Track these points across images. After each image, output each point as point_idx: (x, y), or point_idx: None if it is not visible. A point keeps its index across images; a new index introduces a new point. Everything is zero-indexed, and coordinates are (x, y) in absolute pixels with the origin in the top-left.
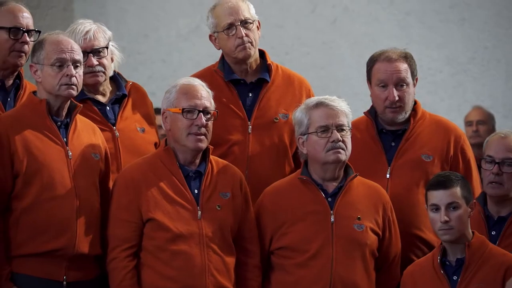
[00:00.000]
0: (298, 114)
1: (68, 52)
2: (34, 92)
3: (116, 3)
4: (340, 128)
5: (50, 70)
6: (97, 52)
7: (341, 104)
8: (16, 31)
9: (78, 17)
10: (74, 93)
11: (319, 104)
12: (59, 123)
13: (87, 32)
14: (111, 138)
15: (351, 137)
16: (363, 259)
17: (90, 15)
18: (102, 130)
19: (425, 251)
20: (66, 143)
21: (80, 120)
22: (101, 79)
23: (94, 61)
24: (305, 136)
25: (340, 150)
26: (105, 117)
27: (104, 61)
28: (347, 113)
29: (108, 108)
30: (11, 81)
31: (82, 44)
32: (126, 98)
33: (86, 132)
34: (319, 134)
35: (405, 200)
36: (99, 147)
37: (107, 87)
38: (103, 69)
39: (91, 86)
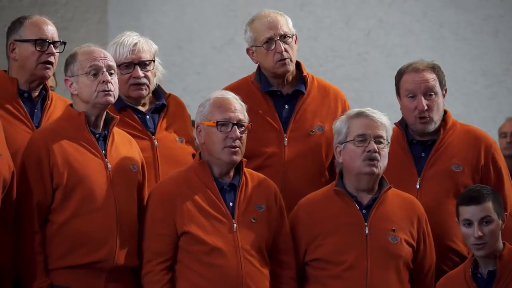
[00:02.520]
0: (338, 123)
1: (101, 59)
2: (71, 105)
3: (150, 15)
4: (378, 140)
5: (86, 79)
6: (143, 64)
7: (382, 117)
8: (42, 43)
9: (112, 30)
10: (112, 99)
11: (360, 114)
12: (97, 135)
13: (135, 44)
14: (150, 147)
15: None
16: (397, 271)
17: (124, 27)
18: (141, 138)
19: (456, 261)
20: (105, 155)
21: (117, 133)
22: (144, 92)
23: (141, 73)
24: (343, 145)
25: (375, 163)
26: (144, 126)
27: (149, 74)
28: (387, 126)
29: (148, 117)
30: (37, 92)
31: (130, 55)
32: (166, 108)
33: (123, 144)
34: (356, 143)
35: (435, 211)
36: (136, 159)
37: (147, 97)
38: (147, 82)
39: (133, 99)
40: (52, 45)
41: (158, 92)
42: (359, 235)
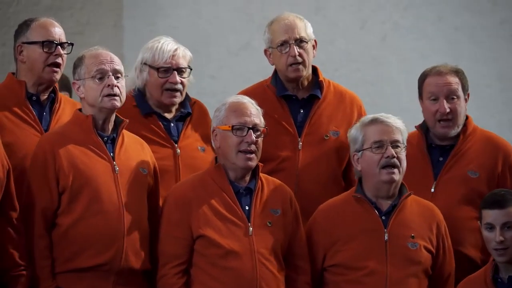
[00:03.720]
0: (353, 131)
1: (108, 63)
2: (80, 109)
3: (166, 19)
4: (395, 145)
5: (92, 83)
6: (181, 71)
7: (396, 121)
8: (49, 45)
9: (127, 34)
10: (118, 104)
11: (374, 121)
12: (105, 138)
13: (176, 49)
14: (172, 155)
15: None
16: (417, 277)
17: (140, 31)
18: (164, 146)
19: (468, 268)
20: (113, 157)
21: (128, 136)
22: (177, 100)
23: (178, 79)
24: (360, 153)
25: (394, 170)
26: (168, 134)
27: (185, 81)
28: (402, 130)
29: (172, 124)
30: (46, 95)
31: (169, 60)
32: (190, 116)
33: (134, 147)
34: (373, 150)
35: (447, 215)
36: (147, 162)
37: None
38: (181, 89)
39: (164, 105)
40: (59, 47)
41: (184, 99)
42: (378, 241)
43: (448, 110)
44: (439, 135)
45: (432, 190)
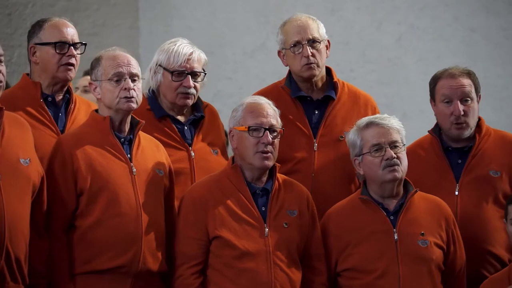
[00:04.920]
0: (351, 136)
1: (125, 66)
2: (96, 110)
3: (181, 21)
4: (393, 145)
5: (108, 85)
6: (195, 75)
7: (392, 122)
8: (62, 45)
9: (143, 35)
10: (134, 106)
11: (370, 124)
12: (122, 139)
13: (191, 53)
14: (186, 158)
15: (416, 156)
16: (429, 274)
17: (155, 33)
18: (178, 149)
19: (497, 267)
20: (130, 159)
21: (144, 137)
22: (190, 102)
23: (192, 83)
24: (360, 157)
25: (396, 168)
26: (182, 137)
27: (198, 85)
28: (399, 129)
29: (186, 127)
30: (61, 96)
31: (184, 64)
32: (203, 120)
33: (150, 148)
34: (372, 154)
35: (475, 216)
36: (163, 164)
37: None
38: (195, 93)
39: (177, 107)
40: (72, 47)
41: (197, 103)
42: (388, 241)
43: (462, 112)
44: (454, 137)
45: (456, 193)
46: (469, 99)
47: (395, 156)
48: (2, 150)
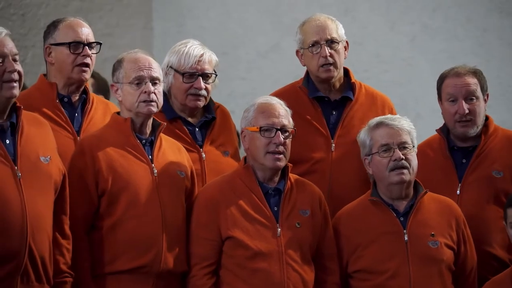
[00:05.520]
0: (361, 135)
1: (146, 69)
2: (118, 113)
3: (195, 21)
4: (402, 147)
5: (129, 88)
6: (206, 76)
7: (402, 123)
8: (77, 45)
9: (157, 36)
10: (154, 109)
11: (380, 124)
12: (143, 141)
13: (202, 55)
14: (198, 159)
15: (425, 156)
16: (440, 275)
17: (169, 33)
18: (189, 151)
19: (496, 267)
20: (151, 160)
21: (165, 139)
22: (201, 104)
23: (202, 84)
24: (370, 157)
25: (403, 170)
26: (193, 138)
27: (209, 87)
28: (409, 131)
29: (197, 129)
30: (77, 96)
31: (195, 66)
32: (214, 121)
33: (171, 150)
34: (381, 154)
35: (475, 216)
36: (184, 165)
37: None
38: (206, 95)
39: (188, 108)
40: (87, 47)
41: (208, 104)
42: (399, 243)
43: (467, 111)
44: (459, 135)
45: (458, 192)
46: (474, 98)
47: (403, 157)
48: (22, 149)
